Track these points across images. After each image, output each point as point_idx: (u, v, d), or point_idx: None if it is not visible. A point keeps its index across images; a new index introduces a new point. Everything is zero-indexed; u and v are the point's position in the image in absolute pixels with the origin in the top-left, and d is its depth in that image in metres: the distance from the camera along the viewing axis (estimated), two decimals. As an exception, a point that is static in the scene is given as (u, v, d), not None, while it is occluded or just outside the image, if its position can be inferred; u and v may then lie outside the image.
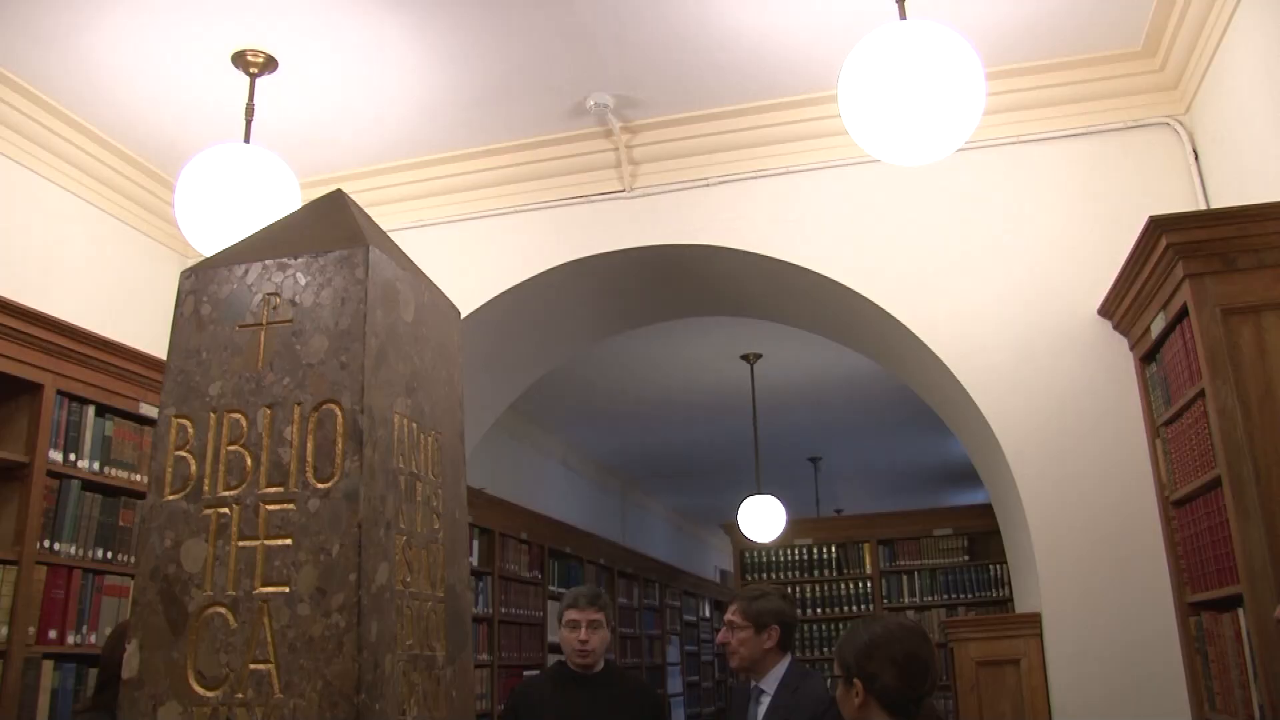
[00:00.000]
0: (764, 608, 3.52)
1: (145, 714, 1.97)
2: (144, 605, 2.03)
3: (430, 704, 2.13)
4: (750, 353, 7.54)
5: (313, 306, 2.10)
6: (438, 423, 2.30)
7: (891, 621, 2.41)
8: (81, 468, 3.73)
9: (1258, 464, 2.99)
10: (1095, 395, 3.95)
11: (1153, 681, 3.65)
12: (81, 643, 3.64)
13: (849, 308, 4.50)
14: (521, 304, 4.84)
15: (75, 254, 4.42)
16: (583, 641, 3.65)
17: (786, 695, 3.45)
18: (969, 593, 8.25)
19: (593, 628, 3.67)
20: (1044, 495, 3.92)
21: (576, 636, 3.66)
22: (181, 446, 2.11)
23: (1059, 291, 4.07)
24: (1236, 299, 3.13)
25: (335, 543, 1.94)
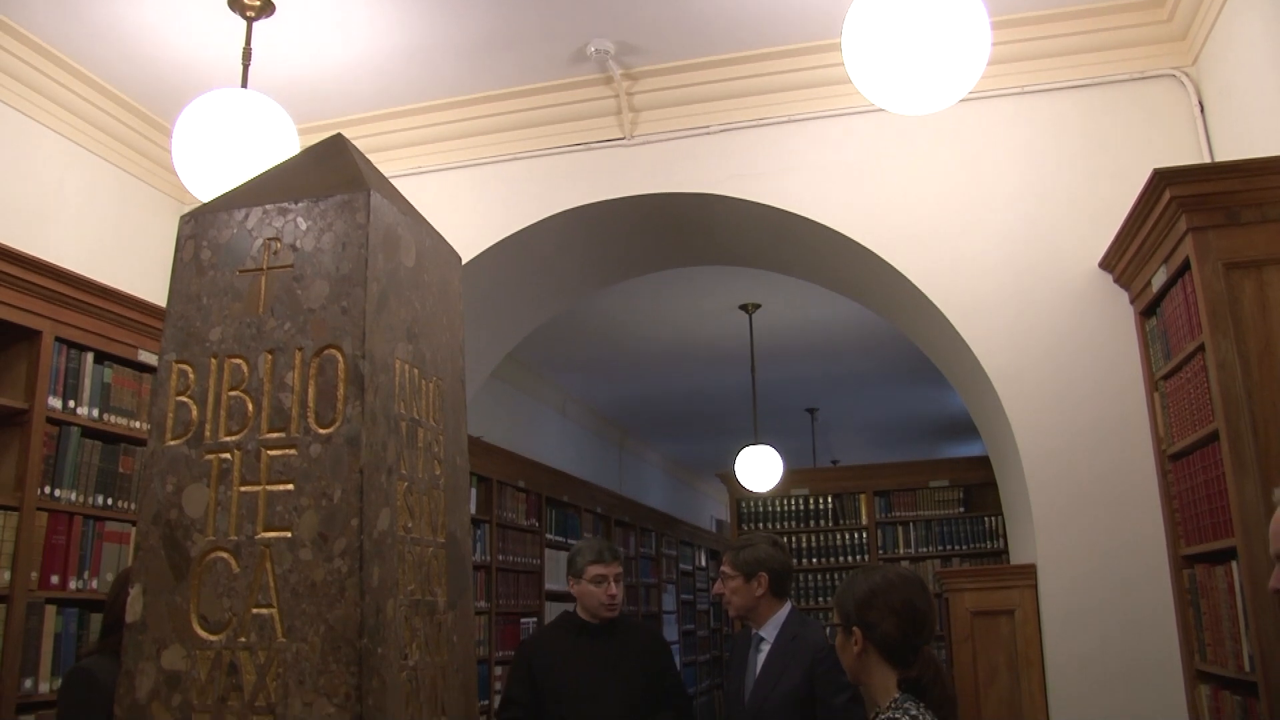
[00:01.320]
0: (751, 556, 3.56)
1: (149, 657, 1.98)
2: (146, 550, 2.04)
3: (432, 648, 2.15)
4: (749, 303, 7.53)
5: (313, 251, 2.09)
6: (439, 368, 2.30)
7: (890, 571, 2.43)
8: (81, 415, 3.73)
9: (1256, 418, 3.00)
10: (1094, 348, 3.95)
11: (1145, 633, 3.68)
12: (83, 588, 3.67)
13: (849, 258, 4.49)
14: (520, 252, 4.82)
15: (72, 201, 4.39)
16: (612, 595, 3.73)
17: (786, 642, 3.49)
18: (964, 544, 8.30)
19: (618, 581, 3.74)
20: (1041, 447, 3.93)
21: (606, 591, 3.73)
22: (182, 392, 2.10)
23: (1060, 244, 4.06)
24: (1239, 253, 3.12)
25: (337, 488, 1.95)
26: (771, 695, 3.42)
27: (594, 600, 3.74)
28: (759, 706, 3.43)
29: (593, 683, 3.64)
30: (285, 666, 1.90)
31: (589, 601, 3.76)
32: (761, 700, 3.43)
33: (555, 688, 3.65)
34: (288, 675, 1.90)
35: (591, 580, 3.73)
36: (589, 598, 3.75)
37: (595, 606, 3.75)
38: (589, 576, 3.73)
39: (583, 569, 3.75)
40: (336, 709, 1.86)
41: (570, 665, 3.69)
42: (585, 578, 3.74)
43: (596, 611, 3.76)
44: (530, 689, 3.68)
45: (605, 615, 3.76)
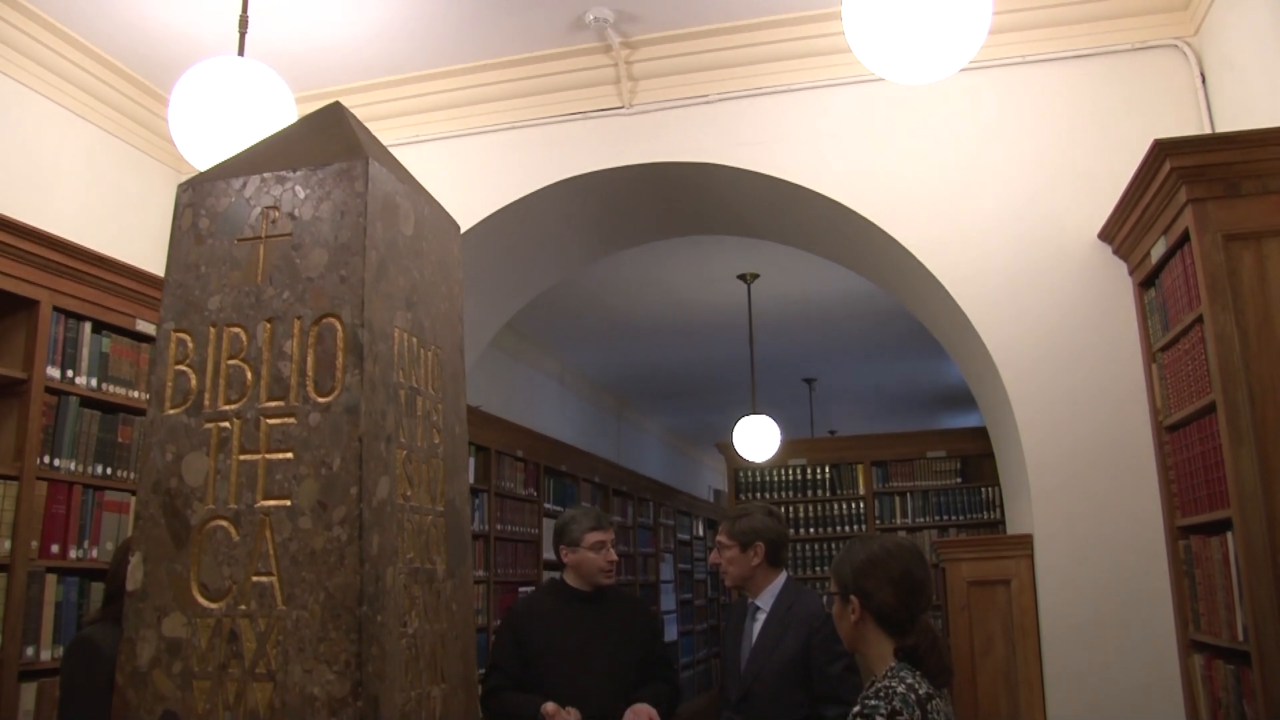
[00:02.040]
0: (747, 526, 3.57)
1: (150, 625, 1.99)
2: (146, 519, 2.04)
3: (431, 616, 2.16)
4: (747, 272, 7.52)
5: (312, 220, 2.08)
6: (438, 337, 2.30)
7: (888, 540, 2.44)
8: (79, 384, 3.73)
9: (1253, 390, 3.01)
10: (1093, 319, 3.95)
11: (1140, 602, 3.70)
12: (83, 557, 3.68)
13: (848, 228, 4.48)
14: (518, 221, 4.81)
15: (69, 170, 4.37)
16: (612, 561, 3.77)
17: (782, 612, 3.50)
18: (961, 514, 8.33)
19: (614, 546, 3.77)
20: (1039, 418, 3.94)
21: (605, 557, 3.76)
22: (181, 361, 2.10)
23: (1060, 215, 4.05)
24: (1239, 225, 3.12)
25: (336, 456, 1.95)
26: (768, 664, 3.44)
27: (593, 567, 3.76)
28: (755, 675, 3.45)
29: (581, 650, 3.66)
30: (285, 634, 1.91)
31: (587, 568, 3.77)
32: (758, 669, 3.45)
33: (543, 655, 3.66)
34: (288, 642, 1.91)
35: (591, 547, 3.75)
36: (587, 564, 3.77)
37: (593, 573, 3.76)
38: (588, 544, 3.75)
39: (580, 536, 3.76)
40: (336, 676, 1.87)
41: (558, 633, 3.71)
42: (584, 545, 3.76)
43: (594, 578, 3.77)
44: (518, 656, 3.69)
45: (602, 582, 3.78)
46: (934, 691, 2.26)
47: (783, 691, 3.40)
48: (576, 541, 3.77)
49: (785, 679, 3.40)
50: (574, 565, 3.80)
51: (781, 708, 3.39)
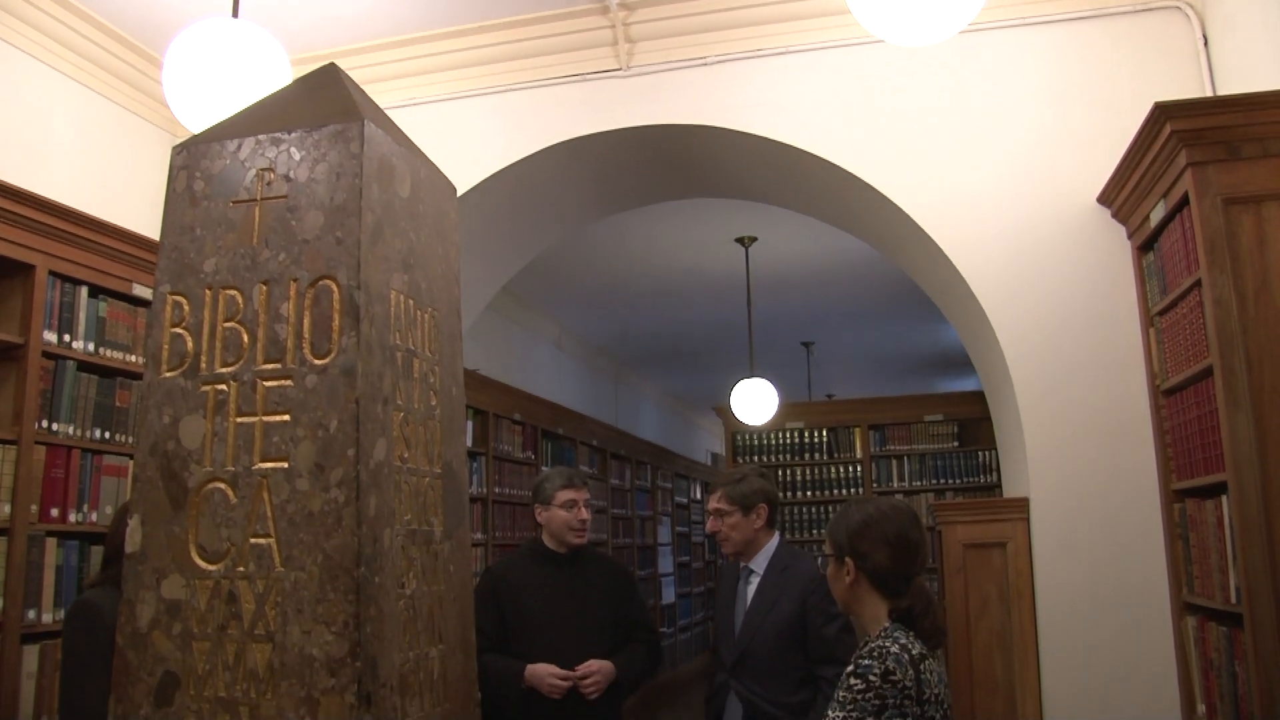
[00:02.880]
0: (748, 489, 3.56)
1: (149, 587, 2.00)
2: (144, 481, 2.05)
3: (428, 578, 2.17)
4: (745, 236, 7.50)
5: (307, 182, 2.07)
6: (434, 299, 2.30)
7: (884, 502, 2.44)
8: (76, 349, 3.73)
9: (1250, 354, 3.01)
10: (1091, 283, 3.94)
11: (1135, 565, 3.72)
12: (83, 521, 3.69)
13: (846, 191, 4.46)
14: (514, 185, 4.79)
15: (63, 134, 4.34)
16: (583, 520, 3.74)
17: (776, 574, 3.51)
18: (957, 478, 8.36)
19: (587, 505, 3.76)
20: (1036, 381, 3.95)
21: (577, 515, 3.73)
22: (178, 324, 2.10)
23: (1059, 178, 4.03)
24: (1238, 188, 3.11)
25: (333, 418, 1.95)
26: (763, 626, 3.45)
27: (563, 525, 3.74)
28: (750, 638, 3.47)
29: (558, 611, 3.66)
30: (284, 595, 1.92)
31: (557, 527, 3.75)
32: (753, 632, 3.47)
33: (520, 616, 3.66)
34: (286, 604, 1.92)
35: (562, 505, 3.74)
36: (558, 523, 3.75)
37: (564, 531, 3.74)
38: (559, 501, 3.74)
39: (552, 495, 3.75)
40: (335, 636, 1.88)
41: (536, 594, 3.70)
42: (555, 503, 3.74)
43: (565, 537, 3.76)
44: (496, 617, 3.69)
45: (574, 541, 3.75)
46: (927, 652, 2.28)
47: (778, 654, 3.42)
48: (548, 499, 3.76)
49: (781, 641, 3.42)
50: (546, 524, 3.78)
51: (777, 670, 3.41)
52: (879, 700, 2.16)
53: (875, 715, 2.16)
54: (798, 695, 3.38)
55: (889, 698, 2.16)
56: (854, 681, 2.20)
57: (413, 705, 2.06)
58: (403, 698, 2.02)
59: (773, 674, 3.41)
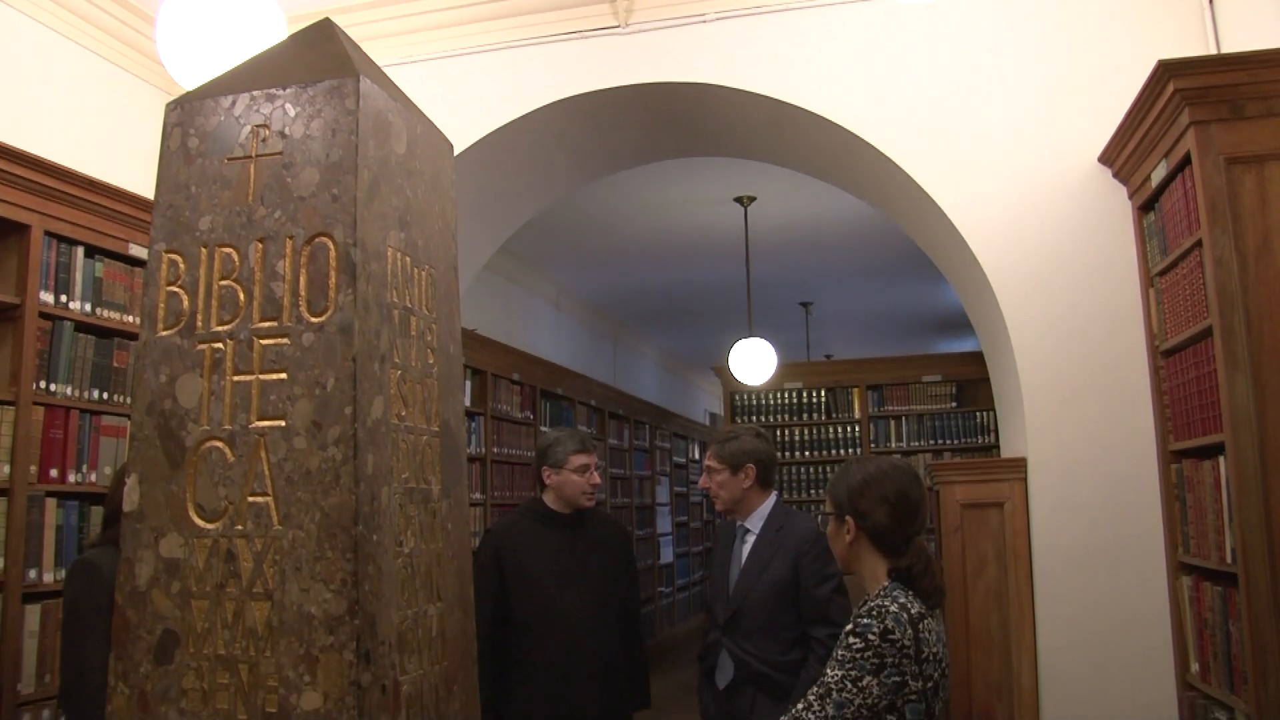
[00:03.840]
0: (737, 449, 3.58)
1: (147, 545, 2.00)
2: (141, 440, 2.05)
3: (427, 535, 2.18)
4: (744, 195, 7.47)
5: (303, 138, 2.05)
6: (431, 257, 2.29)
7: (884, 461, 2.45)
8: (73, 309, 3.72)
9: (1250, 315, 3.00)
10: (1091, 243, 3.93)
11: (1131, 525, 3.74)
12: (82, 482, 3.70)
13: (846, 150, 4.44)
14: (512, 143, 4.75)
15: (57, 94, 4.30)
16: (595, 485, 3.77)
17: (771, 534, 3.53)
18: (955, 438, 8.38)
19: (597, 469, 3.78)
20: (1035, 341, 3.94)
21: (589, 480, 3.76)
22: (173, 282, 2.09)
23: (1060, 138, 4.01)
24: (1241, 148, 3.09)
25: (330, 376, 1.95)
26: (757, 585, 3.47)
27: (576, 489, 3.76)
28: (743, 597, 3.49)
29: (561, 572, 3.68)
30: (282, 553, 1.93)
31: (569, 491, 3.77)
32: (746, 591, 3.49)
33: (522, 577, 3.68)
34: (284, 562, 1.92)
35: (575, 470, 3.75)
36: (570, 487, 3.76)
37: (576, 496, 3.77)
38: (573, 466, 3.75)
39: (565, 458, 3.76)
40: (333, 594, 1.88)
41: (538, 554, 3.72)
42: (569, 467, 3.75)
43: (576, 501, 3.78)
44: (497, 580, 3.70)
45: (584, 505, 3.79)
46: (926, 611, 2.28)
47: (771, 613, 3.44)
48: (560, 463, 3.77)
49: (774, 600, 3.44)
50: (556, 487, 3.79)
51: (770, 629, 3.44)
52: (878, 659, 2.17)
53: (874, 674, 2.17)
54: (789, 655, 3.41)
55: (888, 656, 2.18)
56: (853, 640, 2.21)
57: (411, 663, 2.07)
58: (401, 655, 2.03)
59: (765, 633, 3.43)
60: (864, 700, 2.17)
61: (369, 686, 1.89)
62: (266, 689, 1.90)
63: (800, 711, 2.23)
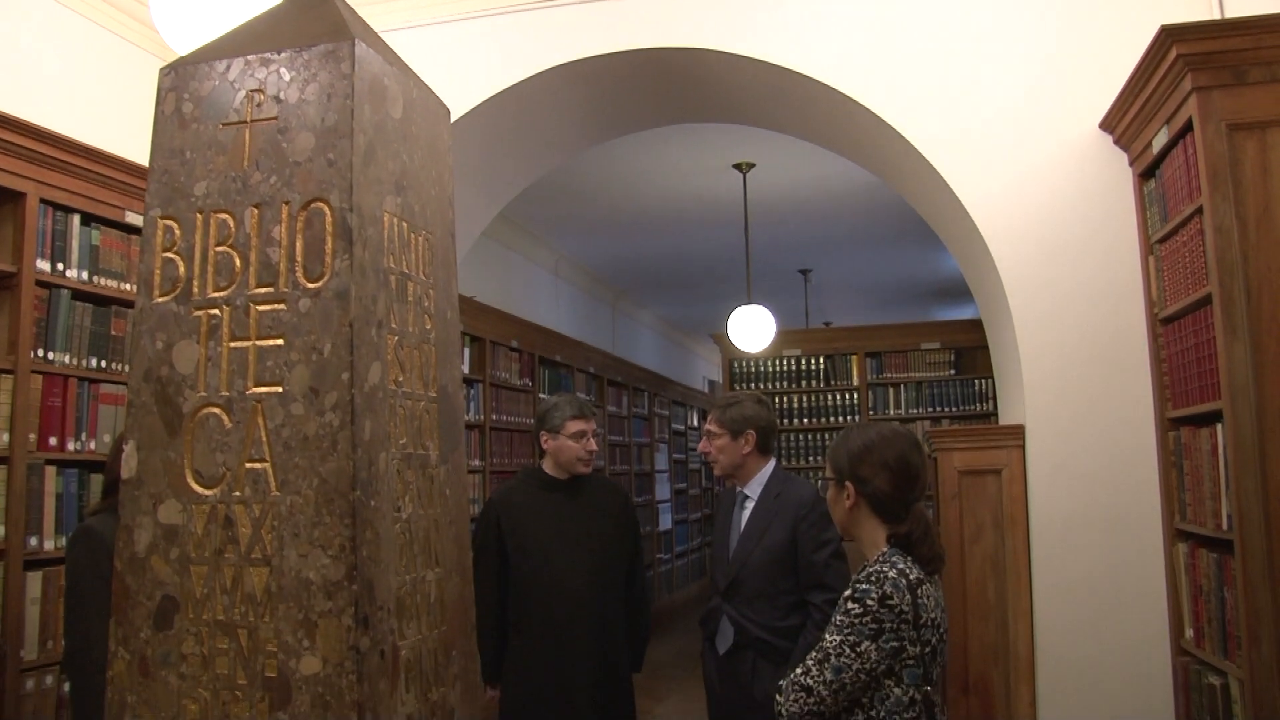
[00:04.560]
0: (737, 414, 3.59)
1: (146, 512, 2.01)
2: (139, 407, 2.05)
3: (425, 501, 2.18)
4: (743, 162, 7.44)
5: (298, 103, 2.04)
6: (428, 222, 2.28)
7: (885, 427, 2.44)
8: (70, 277, 3.71)
9: (1249, 282, 2.99)
10: (1091, 210, 3.91)
11: (1128, 492, 3.74)
12: (81, 450, 3.70)
13: (846, 117, 4.41)
14: (509, 109, 4.72)
15: (51, 60, 4.26)
16: (591, 451, 3.77)
17: (770, 499, 3.54)
18: (954, 406, 8.39)
19: (595, 436, 3.79)
20: (1033, 309, 3.94)
21: (585, 446, 3.77)
22: (169, 248, 2.08)
23: (1062, 103, 3.98)
24: (1243, 114, 3.07)
25: (327, 342, 1.94)
26: (756, 551, 3.49)
27: (571, 455, 3.77)
28: (742, 563, 3.50)
29: (560, 538, 3.69)
30: (280, 519, 1.93)
31: (565, 456, 3.78)
32: (745, 556, 3.51)
33: (523, 543, 3.70)
34: (283, 528, 1.93)
35: (571, 435, 3.76)
36: (566, 452, 3.78)
37: (571, 461, 3.78)
38: (569, 431, 3.76)
39: (561, 424, 3.77)
40: (331, 560, 1.89)
41: (539, 520, 3.73)
42: (565, 432, 3.76)
43: (572, 467, 3.79)
44: (497, 546, 3.73)
45: (580, 471, 3.80)
46: (924, 577, 2.29)
47: (769, 578, 3.46)
48: (557, 428, 3.78)
49: (772, 566, 3.45)
50: (553, 452, 3.81)
51: (769, 594, 3.45)
52: (876, 624, 2.19)
53: (872, 639, 2.19)
54: (788, 620, 3.43)
55: (886, 622, 2.19)
56: (851, 606, 2.22)
57: (410, 628, 2.08)
58: (400, 620, 2.04)
59: (764, 598, 3.45)
60: (862, 665, 2.18)
61: (368, 651, 1.90)
62: (266, 654, 1.91)
63: (799, 676, 2.24)
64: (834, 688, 2.20)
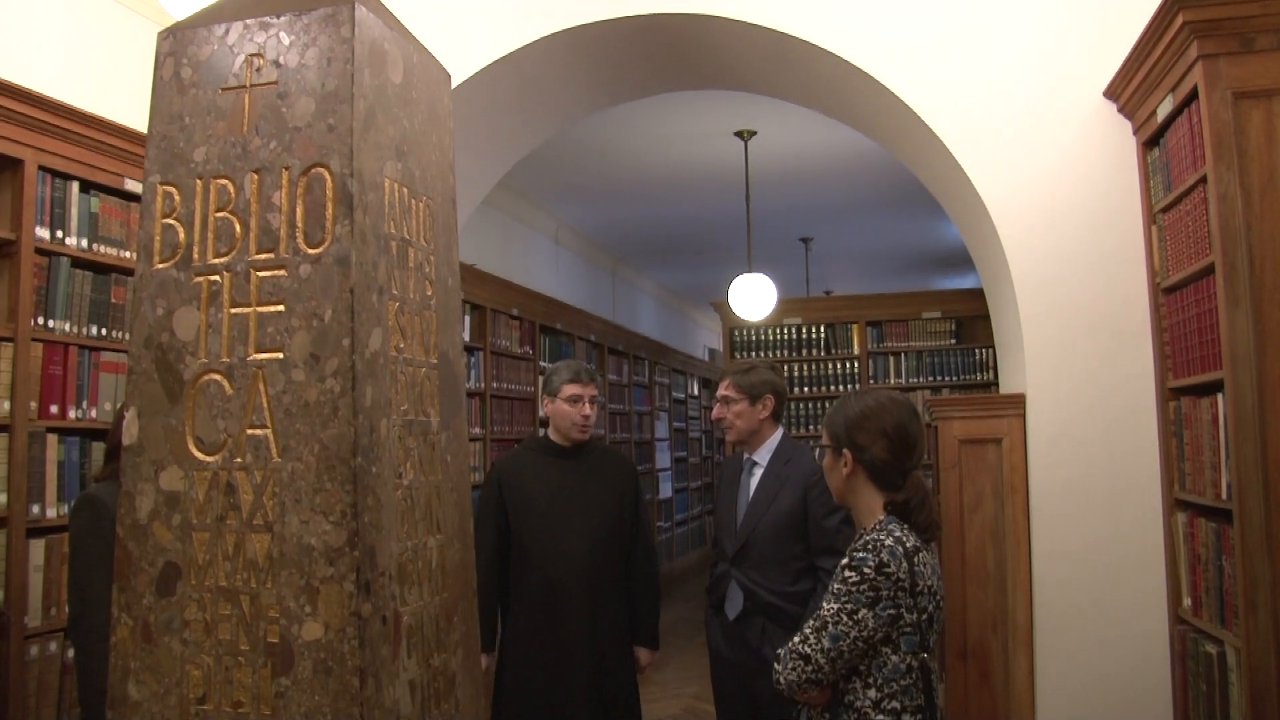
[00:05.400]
0: (757, 379, 3.60)
1: (147, 479, 2.01)
2: (139, 374, 2.04)
3: (426, 467, 2.18)
4: (745, 129, 7.40)
5: (297, 67, 2.02)
6: (429, 188, 2.27)
7: (882, 394, 2.44)
8: (70, 245, 3.69)
9: (1253, 252, 2.98)
10: (1094, 179, 3.89)
11: (1128, 462, 3.75)
12: (83, 418, 3.70)
13: (848, 83, 4.38)
14: (510, 75, 4.69)
15: (48, 26, 4.23)
16: (585, 416, 3.76)
17: (779, 466, 3.56)
18: (954, 375, 8.39)
19: (592, 403, 3.77)
20: (1035, 277, 3.93)
21: (580, 411, 3.75)
22: (168, 214, 2.08)
23: (1065, 71, 3.95)
24: (1250, 82, 3.04)
25: (328, 308, 1.94)
26: (765, 517, 3.50)
27: (566, 420, 3.77)
28: (752, 529, 3.52)
29: (562, 504, 3.70)
30: (281, 486, 1.93)
31: (561, 421, 3.78)
32: (755, 523, 3.52)
33: (525, 508, 3.71)
34: (284, 494, 1.93)
35: (566, 400, 3.75)
36: (562, 417, 3.78)
37: (567, 427, 3.78)
38: (564, 395, 3.76)
39: (559, 388, 3.77)
40: (333, 526, 1.90)
41: (540, 486, 3.74)
42: (560, 396, 3.76)
43: (568, 432, 3.79)
44: (501, 512, 3.74)
45: (576, 437, 3.79)
46: (921, 545, 2.30)
47: (780, 544, 3.47)
48: (555, 392, 3.78)
49: (782, 532, 3.47)
50: (551, 416, 3.82)
51: (778, 560, 3.47)
52: (873, 592, 2.19)
53: (869, 607, 2.19)
54: (797, 585, 3.45)
55: (883, 589, 2.20)
56: (848, 574, 2.22)
57: (411, 594, 2.09)
58: (401, 586, 2.04)
59: (773, 564, 3.47)
60: (860, 633, 2.20)
61: (369, 617, 1.90)
62: (268, 620, 1.92)
63: (797, 644, 2.25)
64: (831, 656, 2.21)
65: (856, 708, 2.24)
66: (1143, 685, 3.65)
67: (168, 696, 1.96)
